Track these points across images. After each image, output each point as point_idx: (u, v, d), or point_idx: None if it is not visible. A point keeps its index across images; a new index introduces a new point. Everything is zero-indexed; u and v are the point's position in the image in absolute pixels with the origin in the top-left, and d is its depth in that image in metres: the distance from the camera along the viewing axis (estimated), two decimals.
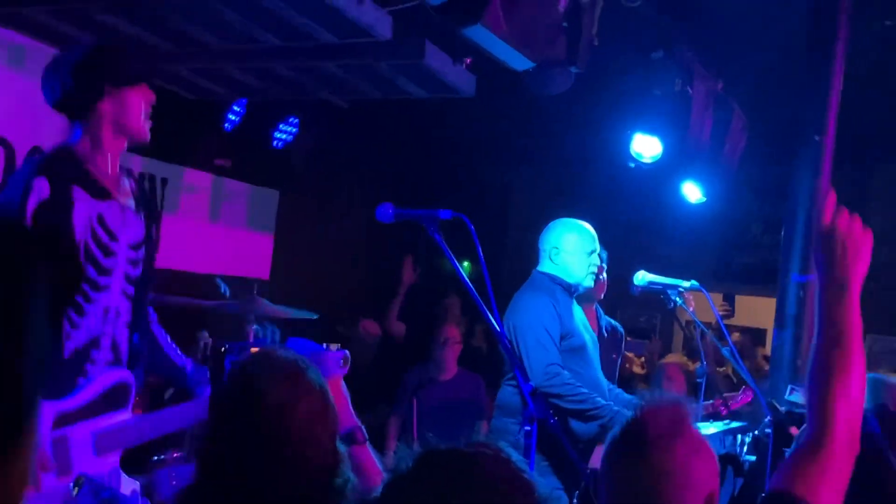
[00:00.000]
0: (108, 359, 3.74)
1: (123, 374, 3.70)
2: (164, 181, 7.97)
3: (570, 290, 5.48)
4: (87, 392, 3.57)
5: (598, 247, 5.53)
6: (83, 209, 3.63)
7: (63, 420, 3.47)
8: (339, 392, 2.99)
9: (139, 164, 7.65)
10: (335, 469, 2.45)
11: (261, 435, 2.38)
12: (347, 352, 3.37)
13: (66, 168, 3.65)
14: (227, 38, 6.14)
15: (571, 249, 5.47)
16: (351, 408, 3.06)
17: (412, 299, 9.33)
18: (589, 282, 5.53)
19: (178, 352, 4.16)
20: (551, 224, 5.63)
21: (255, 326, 5.61)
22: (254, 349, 2.90)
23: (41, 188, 3.52)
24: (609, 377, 5.79)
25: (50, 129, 6.78)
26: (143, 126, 3.82)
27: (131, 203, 3.87)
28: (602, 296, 6.05)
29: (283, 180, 9.25)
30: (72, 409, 3.52)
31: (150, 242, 3.95)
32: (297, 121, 8.15)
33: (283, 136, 8.19)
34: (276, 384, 2.44)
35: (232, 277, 8.42)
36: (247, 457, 2.38)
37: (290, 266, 9.28)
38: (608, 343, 6.12)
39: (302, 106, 8.04)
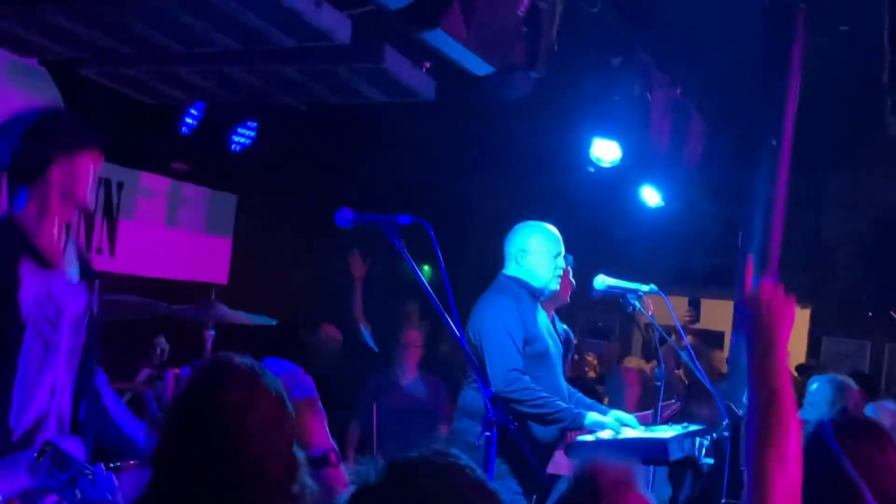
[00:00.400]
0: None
1: (68, 445, 3.60)
2: (121, 185, 7.90)
3: (535, 294, 5.48)
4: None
5: (562, 249, 5.54)
6: (30, 285, 3.52)
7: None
8: (315, 412, 2.96)
9: None
10: (293, 476, 2.42)
11: (215, 439, 2.36)
12: None
13: (12, 242, 3.54)
14: (185, 42, 6.09)
15: (537, 252, 5.47)
16: (327, 429, 3.03)
17: (373, 303, 9.31)
18: (554, 285, 5.53)
19: (131, 421, 4.02)
20: (517, 227, 5.62)
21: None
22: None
23: None
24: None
25: None
26: (90, 193, 3.75)
27: (76, 272, 3.77)
28: (568, 298, 6.05)
29: (241, 184, 9.20)
30: (17, 490, 3.35)
31: (92, 311, 3.83)
32: (255, 125, 8.11)
33: (242, 140, 8.14)
34: (231, 388, 2.42)
35: (189, 282, 8.37)
36: (201, 462, 2.35)
37: (248, 271, 9.23)
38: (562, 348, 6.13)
39: (260, 110, 8.00)
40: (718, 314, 11.71)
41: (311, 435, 2.79)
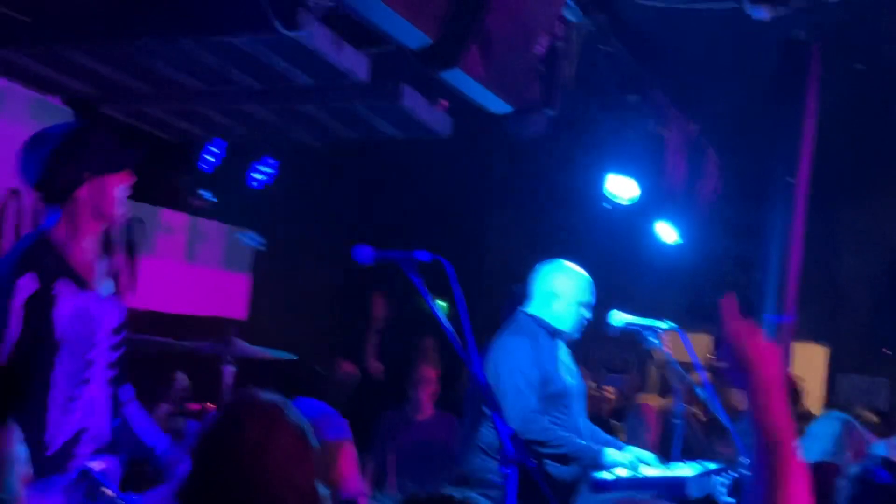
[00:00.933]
0: (90, 450, 3.68)
1: (104, 464, 3.65)
2: (141, 221, 7.95)
3: (554, 333, 5.46)
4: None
5: (592, 299, 5.49)
6: (66, 304, 3.56)
7: None
8: (347, 455, 2.97)
9: None
10: None
11: (236, 474, 2.38)
12: None
13: (49, 261, 3.57)
14: (206, 81, 6.15)
15: (564, 297, 5.42)
16: (359, 473, 3.04)
17: (389, 339, 9.34)
18: (577, 334, 5.51)
19: (152, 430, 4.04)
20: (548, 265, 5.58)
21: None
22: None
23: (26, 286, 3.46)
24: None
25: None
26: (119, 212, 3.80)
27: (110, 287, 3.82)
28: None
29: (259, 221, 9.25)
30: None
31: (124, 324, 3.87)
32: (273, 162, 8.17)
33: (260, 177, 8.19)
34: (252, 423, 2.45)
35: (208, 318, 8.40)
36: (223, 497, 2.37)
37: (267, 307, 9.25)
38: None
39: (278, 147, 8.05)
40: None
41: (342, 477, 2.81)
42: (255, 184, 8.18)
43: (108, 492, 3.26)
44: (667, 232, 7.81)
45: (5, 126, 6.59)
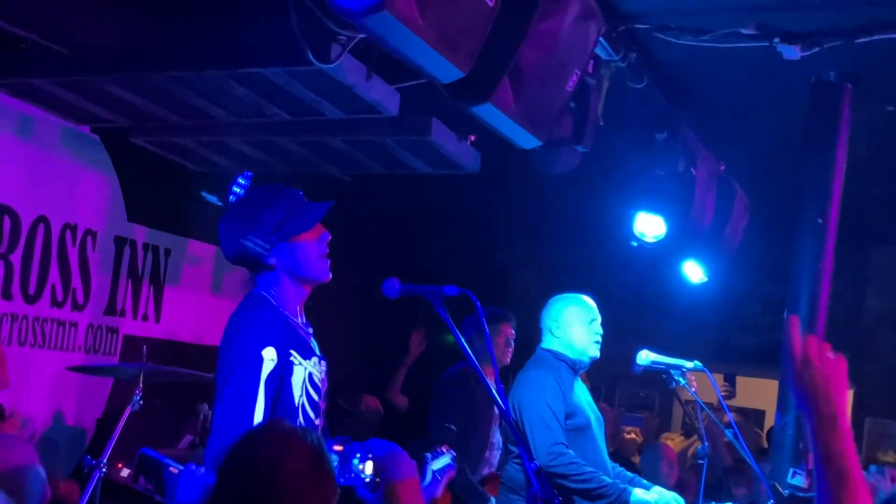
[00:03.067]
0: None
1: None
2: (168, 252, 7.98)
3: (574, 366, 5.48)
4: None
5: (598, 316, 5.56)
6: (299, 372, 3.57)
7: None
8: (412, 495, 2.96)
9: (143, 234, 7.68)
10: None
11: (250, 489, 2.44)
12: (451, 465, 3.38)
13: (281, 331, 3.56)
14: (235, 112, 6.19)
15: (572, 321, 5.52)
16: None
17: (414, 373, 9.31)
18: (594, 352, 5.54)
19: None
20: (550, 300, 5.71)
21: None
22: (336, 447, 2.93)
23: (270, 357, 3.43)
24: None
25: (55, 199, 6.83)
26: (319, 267, 3.75)
27: (317, 348, 3.82)
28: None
29: None
30: None
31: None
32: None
33: None
34: (266, 443, 2.52)
35: None
36: None
37: None
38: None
39: (305, 179, 8.07)
40: (759, 392, 11.60)
41: None
42: None
43: (174, 469, 3.34)
44: (694, 271, 7.77)
45: (35, 153, 6.64)
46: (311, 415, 3.62)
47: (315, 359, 3.71)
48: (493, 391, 3.71)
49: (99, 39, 5.39)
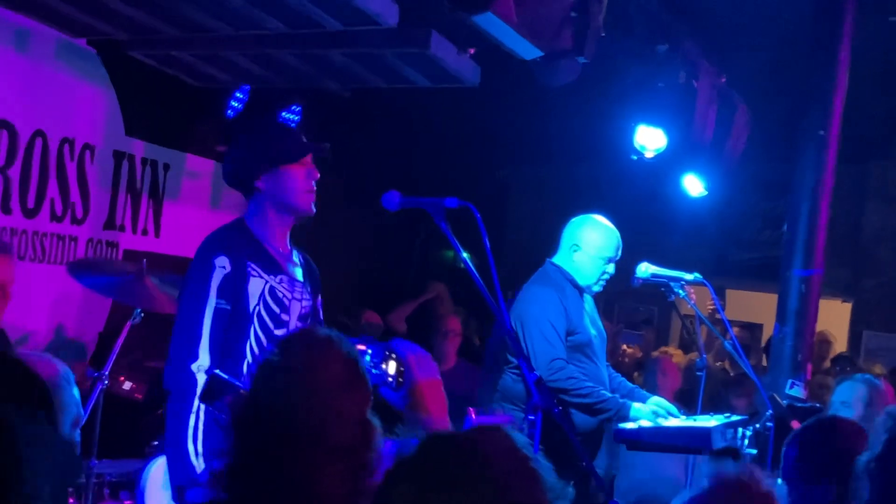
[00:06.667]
0: None
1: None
2: (167, 166, 7.95)
3: (578, 285, 5.45)
4: None
5: (617, 255, 5.47)
6: (256, 283, 3.80)
7: None
8: (436, 397, 2.98)
9: (141, 148, 7.64)
10: (366, 443, 2.44)
11: (284, 397, 2.41)
12: None
13: (241, 244, 3.84)
14: (233, 24, 6.13)
15: (588, 251, 5.40)
16: (447, 415, 3.05)
17: (413, 291, 9.36)
18: (597, 288, 5.49)
19: None
20: (579, 217, 5.54)
21: None
22: (360, 346, 2.94)
23: (223, 264, 3.74)
24: None
25: (52, 113, 6.79)
26: (305, 199, 3.97)
27: (300, 274, 4.03)
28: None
29: None
30: None
31: (315, 315, 4.11)
32: (299, 109, 8.13)
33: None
34: (302, 349, 2.49)
35: None
36: (271, 419, 2.39)
37: None
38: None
39: (305, 94, 8.02)
40: (756, 306, 11.66)
41: (429, 416, 2.83)
42: None
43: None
44: (694, 185, 7.76)
45: (32, 67, 6.58)
46: (270, 325, 3.84)
47: (284, 277, 3.92)
48: (496, 304, 3.71)
49: None
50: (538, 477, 1.75)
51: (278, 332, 3.82)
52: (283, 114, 8.11)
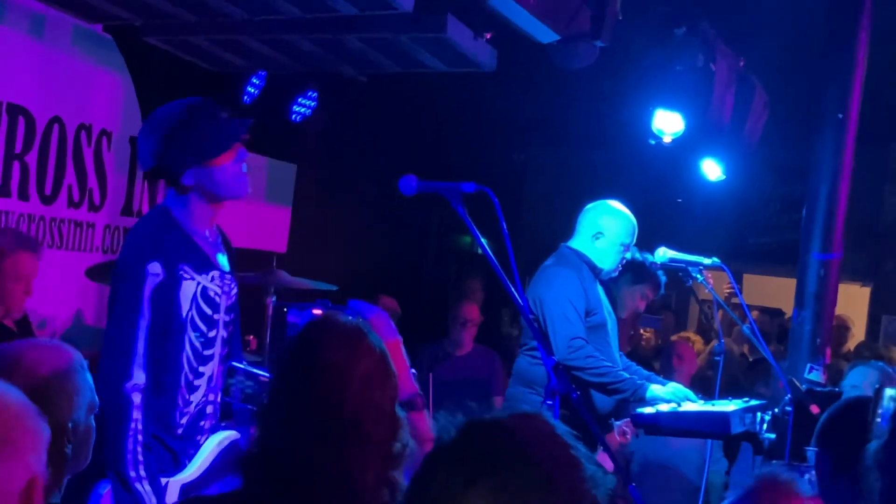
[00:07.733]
0: (212, 423, 3.78)
1: (231, 436, 3.73)
2: None
3: (594, 270, 5.47)
4: (206, 460, 3.63)
5: (633, 241, 5.49)
6: (188, 286, 3.62)
7: (189, 491, 3.54)
8: (399, 356, 2.98)
9: None
10: (394, 435, 2.45)
11: (316, 396, 2.40)
12: None
13: (172, 244, 3.60)
14: (248, 9, 6.12)
15: (608, 237, 5.44)
16: (411, 374, 3.04)
17: (429, 276, 9.35)
18: (612, 274, 5.53)
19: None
20: (597, 203, 5.58)
21: None
22: (316, 311, 2.91)
23: (156, 271, 3.52)
24: None
25: (69, 99, 6.79)
26: (236, 186, 3.71)
27: (226, 264, 3.84)
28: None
29: (300, 154, 9.23)
30: (195, 480, 3.58)
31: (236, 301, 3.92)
32: (315, 94, 8.12)
33: (302, 110, 8.14)
34: (334, 346, 2.47)
35: (249, 250, 8.43)
36: (303, 419, 2.39)
37: (307, 240, 9.26)
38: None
39: (321, 79, 8.01)
40: (775, 291, 11.63)
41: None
42: (296, 117, 8.12)
43: (265, 378, 3.39)
44: (712, 169, 7.72)
45: (48, 53, 6.58)
46: (203, 328, 3.68)
47: (214, 273, 3.74)
48: (512, 288, 3.69)
49: None
50: (579, 464, 1.73)
51: (211, 334, 3.70)
52: (300, 99, 8.08)
